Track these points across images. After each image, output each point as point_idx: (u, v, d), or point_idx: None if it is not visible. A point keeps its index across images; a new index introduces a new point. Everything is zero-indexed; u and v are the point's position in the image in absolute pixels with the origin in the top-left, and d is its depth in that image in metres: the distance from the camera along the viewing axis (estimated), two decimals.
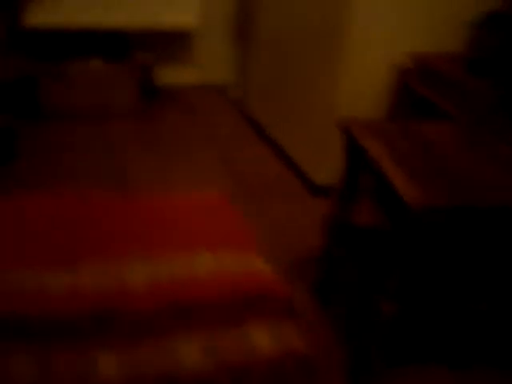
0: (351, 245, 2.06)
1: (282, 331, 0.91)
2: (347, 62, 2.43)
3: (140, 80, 3.28)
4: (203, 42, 3.59)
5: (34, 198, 1.10)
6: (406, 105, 2.48)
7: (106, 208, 1.06)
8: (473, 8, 2.40)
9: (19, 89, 3.07)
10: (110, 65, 3.15)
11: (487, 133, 1.90)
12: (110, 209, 1.07)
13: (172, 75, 3.60)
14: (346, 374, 1.78)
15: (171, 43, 3.51)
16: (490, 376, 1.81)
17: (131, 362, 0.85)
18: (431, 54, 2.44)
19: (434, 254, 1.70)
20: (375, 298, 1.69)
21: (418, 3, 2.40)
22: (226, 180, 2.79)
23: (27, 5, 2.87)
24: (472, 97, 2.13)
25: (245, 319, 0.90)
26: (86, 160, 2.84)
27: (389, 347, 1.70)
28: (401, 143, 1.74)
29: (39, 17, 2.91)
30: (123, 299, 0.89)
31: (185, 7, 3.17)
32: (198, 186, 2.71)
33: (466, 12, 2.42)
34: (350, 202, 1.99)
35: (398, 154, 1.67)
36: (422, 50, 2.45)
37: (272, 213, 2.58)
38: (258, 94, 3.28)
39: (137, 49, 3.31)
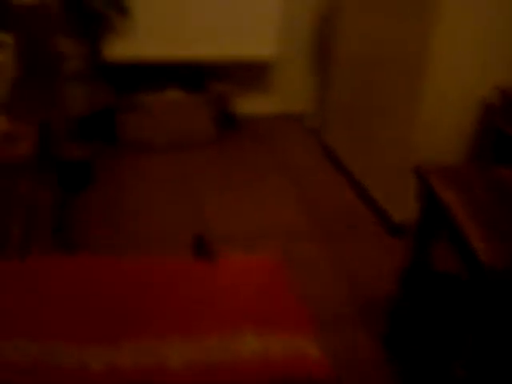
0: (425, 293, 1.93)
1: None
2: (427, 95, 2.29)
3: (217, 110, 3.29)
4: (281, 71, 3.54)
5: (81, 261, 1.07)
6: (490, 145, 2.31)
7: (151, 277, 1.02)
8: None
9: (98, 119, 3.15)
10: (187, 95, 3.17)
11: None
12: (154, 278, 1.02)
13: (250, 105, 3.58)
14: None
15: (249, 73, 3.49)
16: None
17: None
18: None
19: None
20: (448, 361, 1.56)
21: (505, 31, 2.23)
22: (298, 213, 2.72)
23: (107, 37, 2.94)
24: None
25: None
26: (161, 190, 2.86)
27: None
28: (480, 193, 1.60)
29: (118, 49, 2.97)
30: (162, 380, 0.85)
31: (263, 38, 3.14)
32: (269, 217, 2.67)
33: None
34: (426, 246, 1.86)
35: (476, 205, 1.53)
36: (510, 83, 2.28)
37: (344, 251, 2.48)
38: (335, 123, 3.19)
39: (214, 79, 3.32)
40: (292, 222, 2.66)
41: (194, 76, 3.24)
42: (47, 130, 1.89)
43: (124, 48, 2.97)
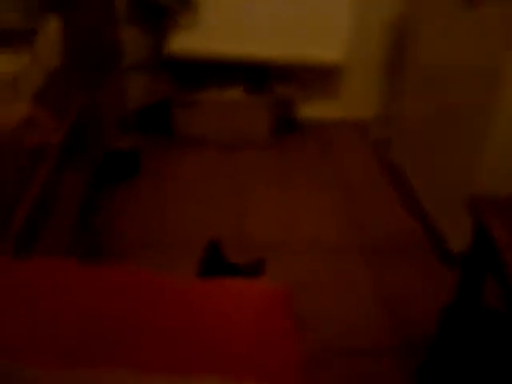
0: (469, 331, 1.74)
1: None
2: (500, 121, 2.09)
3: (277, 113, 3.18)
4: (349, 76, 3.38)
5: (72, 270, 0.99)
6: None
7: (135, 298, 0.93)
8: None
9: (156, 111, 3.13)
10: (247, 95, 3.08)
11: None
12: (139, 299, 0.93)
13: (314, 109, 3.44)
14: None
15: (315, 76, 3.36)
16: None
17: None
18: None
19: None
20: None
21: None
22: (347, 229, 2.57)
23: (171, 30, 2.90)
24: None
25: None
26: (207, 188, 2.80)
27: None
28: None
29: (182, 43, 2.93)
30: None
31: (331, 42, 3.00)
32: (314, 229, 2.53)
33: None
34: (474, 282, 1.69)
35: None
36: None
37: (390, 275, 2.30)
38: (401, 136, 3.00)
39: (278, 81, 3.21)
40: (338, 237, 2.51)
41: (257, 77, 3.15)
42: (86, 120, 1.85)
43: (188, 42, 2.92)
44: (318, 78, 3.37)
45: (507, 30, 1.99)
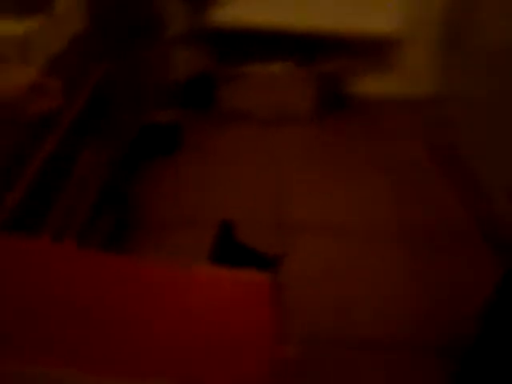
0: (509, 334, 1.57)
1: None
2: None
3: (326, 88, 3.02)
4: (404, 52, 3.17)
5: (57, 253, 0.91)
6: None
7: (121, 291, 0.84)
8: None
9: (198, 85, 3.04)
10: (292, 69, 2.93)
11: None
12: (128, 296, 0.84)
13: (365, 85, 3.25)
14: None
15: (367, 50, 3.16)
16: None
17: None
18: None
19: None
20: None
21: None
22: (390, 214, 2.40)
23: (217, 2, 2.78)
24: None
25: None
26: (245, 163, 2.71)
27: None
28: None
29: (227, 15, 2.81)
30: None
31: (385, 12, 2.80)
32: (354, 213, 2.38)
33: None
34: None
35: None
36: None
37: (435, 265, 2.13)
38: (460, 116, 2.78)
39: (327, 54, 3.04)
40: (379, 222, 2.34)
41: (304, 50, 2.99)
42: (111, 92, 1.77)
43: (232, 14, 2.80)
44: (370, 51, 3.18)
45: None
